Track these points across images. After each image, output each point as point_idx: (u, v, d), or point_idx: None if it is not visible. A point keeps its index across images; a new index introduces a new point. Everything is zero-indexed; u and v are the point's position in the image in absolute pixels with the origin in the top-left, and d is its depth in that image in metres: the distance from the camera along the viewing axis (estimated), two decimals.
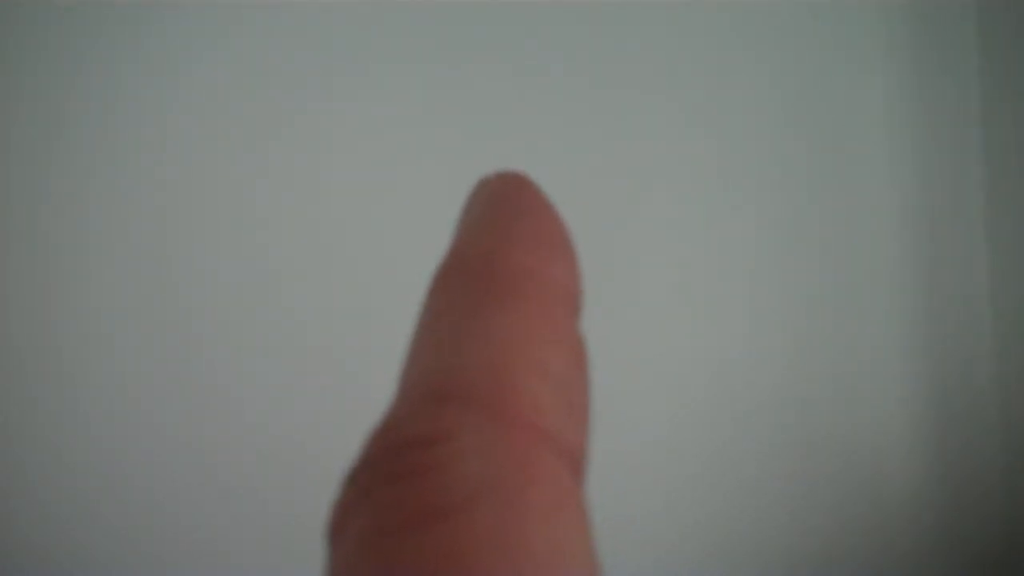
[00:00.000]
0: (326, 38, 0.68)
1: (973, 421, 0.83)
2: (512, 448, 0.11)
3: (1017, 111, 0.80)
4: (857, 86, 0.81)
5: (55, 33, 0.63)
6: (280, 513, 0.65)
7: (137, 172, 0.65)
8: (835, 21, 0.80)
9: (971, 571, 0.81)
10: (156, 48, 0.65)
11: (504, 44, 0.72)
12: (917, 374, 0.82)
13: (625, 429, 0.74)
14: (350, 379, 0.66)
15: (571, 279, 0.14)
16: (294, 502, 0.57)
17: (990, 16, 0.82)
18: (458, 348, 0.13)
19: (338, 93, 0.68)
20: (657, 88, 0.75)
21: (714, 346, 0.77)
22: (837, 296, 0.80)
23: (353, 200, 0.69)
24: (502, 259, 0.14)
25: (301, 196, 0.68)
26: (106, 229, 0.64)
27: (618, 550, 0.73)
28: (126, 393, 0.64)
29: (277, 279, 0.67)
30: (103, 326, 0.64)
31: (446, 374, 0.12)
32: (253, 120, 0.67)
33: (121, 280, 0.64)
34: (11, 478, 0.62)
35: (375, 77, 0.69)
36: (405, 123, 0.69)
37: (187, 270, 0.65)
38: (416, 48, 0.70)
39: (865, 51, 0.81)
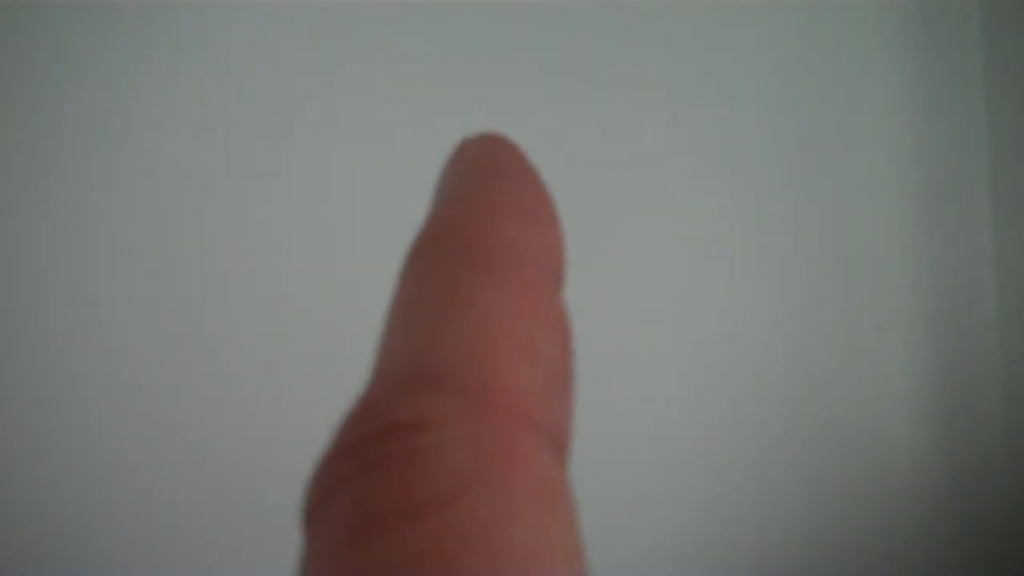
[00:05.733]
0: (325, 38, 0.68)
1: (976, 402, 0.84)
2: (498, 437, 0.11)
3: (1021, 102, 0.80)
4: (861, 79, 0.81)
5: (55, 33, 0.63)
6: (280, 513, 0.65)
7: (137, 171, 0.65)
8: (838, 16, 0.80)
9: (974, 550, 0.81)
10: (155, 48, 0.65)
11: (505, 43, 0.72)
12: (922, 358, 0.82)
13: (631, 416, 0.74)
14: (351, 378, 0.65)
15: (555, 251, 0.13)
16: (294, 502, 0.56)
17: (994, 10, 0.82)
18: (439, 327, 0.12)
19: (339, 91, 0.68)
20: (661, 85, 0.75)
21: (719, 333, 0.77)
22: (842, 284, 0.80)
23: (354, 199, 0.68)
24: (485, 232, 0.13)
25: (301, 195, 0.67)
26: (106, 228, 0.64)
27: (626, 533, 0.73)
28: (126, 392, 0.64)
29: (277, 278, 0.67)
30: (103, 325, 0.64)
31: (428, 355, 0.12)
32: (253, 120, 0.66)
33: (120, 279, 0.64)
34: (11, 478, 0.62)
35: (375, 77, 0.69)
36: (405, 122, 0.69)
37: (187, 269, 0.65)
38: (415, 48, 0.70)
39: (869, 46, 0.81)
